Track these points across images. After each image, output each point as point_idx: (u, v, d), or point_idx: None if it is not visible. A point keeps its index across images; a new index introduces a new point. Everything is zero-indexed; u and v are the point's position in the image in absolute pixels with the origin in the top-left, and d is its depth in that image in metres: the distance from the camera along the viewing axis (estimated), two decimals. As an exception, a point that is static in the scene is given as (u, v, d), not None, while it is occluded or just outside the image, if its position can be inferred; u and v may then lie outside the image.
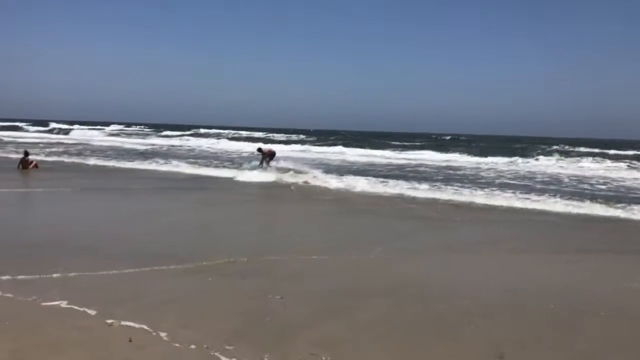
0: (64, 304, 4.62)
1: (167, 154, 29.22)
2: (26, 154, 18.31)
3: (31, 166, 17.61)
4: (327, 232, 8.95)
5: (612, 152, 38.41)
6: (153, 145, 40.87)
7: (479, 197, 13.38)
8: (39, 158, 20.02)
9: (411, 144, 49.60)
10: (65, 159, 23.34)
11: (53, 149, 29.47)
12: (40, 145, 33.39)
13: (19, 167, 17.57)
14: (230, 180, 16.45)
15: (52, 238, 7.44)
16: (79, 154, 26.96)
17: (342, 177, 17.29)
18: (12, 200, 11.70)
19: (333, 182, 15.67)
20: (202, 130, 67.13)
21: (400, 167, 24.44)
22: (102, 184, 14.46)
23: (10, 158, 22.32)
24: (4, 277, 5.27)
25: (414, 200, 12.86)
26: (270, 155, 19.75)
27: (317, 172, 18.32)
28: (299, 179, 16.34)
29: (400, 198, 13.15)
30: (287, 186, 15.24)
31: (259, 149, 20.18)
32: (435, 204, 12.26)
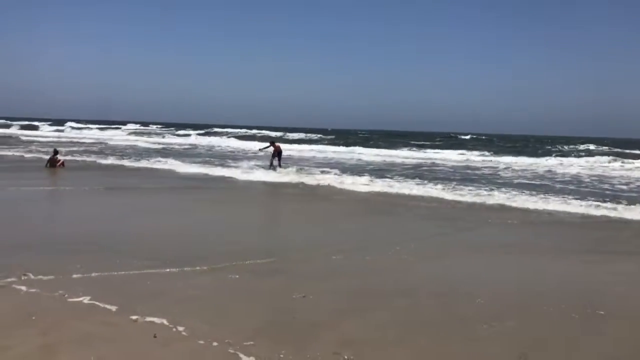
0: (88, 300, 4.73)
1: (185, 153, 29.58)
2: (55, 152, 18.71)
3: (58, 164, 18.00)
4: (345, 232, 8.98)
5: (636, 151, 37.61)
6: (171, 144, 41.36)
7: (498, 197, 13.25)
8: (62, 157, 20.41)
9: (430, 143, 49.30)
10: (87, 158, 23.72)
11: (74, 148, 30.01)
12: (64, 144, 34.05)
13: (47, 165, 17.99)
14: (244, 180, 16.53)
15: (77, 236, 7.60)
16: (100, 152, 27.46)
17: (358, 177, 17.31)
18: (38, 198, 11.99)
19: (348, 182, 15.67)
20: (217, 130, 67.72)
21: (417, 167, 24.34)
22: (127, 184, 14.75)
23: (24, 157, 22.84)
24: (30, 273, 5.41)
25: (430, 200, 12.81)
26: (279, 153, 20.08)
27: (333, 172, 18.36)
28: (314, 179, 16.37)
29: (417, 198, 13.09)
30: (302, 186, 15.27)
31: (272, 142, 20.66)
32: (453, 204, 12.19)
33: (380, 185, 15.10)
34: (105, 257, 6.31)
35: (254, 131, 66.12)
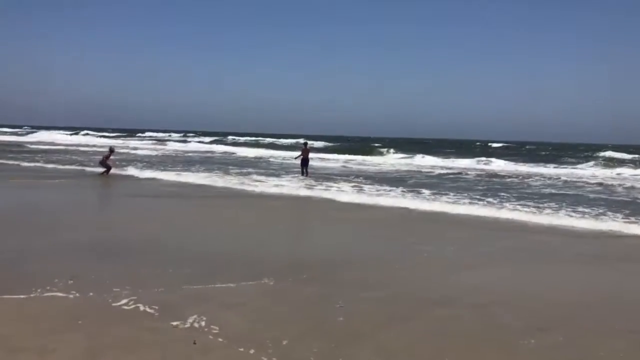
0: (132, 305, 4.86)
1: (225, 162, 30.03)
2: (111, 150, 18.98)
3: (106, 166, 18.37)
4: (378, 243, 8.93)
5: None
6: (212, 152, 42.23)
7: (526, 209, 13.03)
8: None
9: (453, 151, 48.82)
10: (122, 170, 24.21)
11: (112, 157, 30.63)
12: (97, 153, 34.90)
13: (100, 163, 18.67)
14: (263, 191, 16.14)
15: (121, 242, 7.80)
16: (132, 160, 28.09)
17: (386, 187, 17.25)
18: (82, 205, 12.41)
19: (373, 193, 15.54)
20: (241, 139, 68.64)
21: (442, 176, 24.13)
22: (154, 192, 15.07)
23: (46, 167, 23.38)
24: (76, 278, 5.57)
25: (459, 210, 12.66)
26: (306, 160, 20.61)
27: (357, 182, 18.29)
28: (336, 189, 16.24)
29: (445, 209, 12.91)
30: (326, 197, 14.84)
31: (305, 143, 21.31)
32: (485, 216, 12.03)
33: (407, 195, 15.01)
34: (148, 264, 6.46)
35: (279, 140, 66.60)
